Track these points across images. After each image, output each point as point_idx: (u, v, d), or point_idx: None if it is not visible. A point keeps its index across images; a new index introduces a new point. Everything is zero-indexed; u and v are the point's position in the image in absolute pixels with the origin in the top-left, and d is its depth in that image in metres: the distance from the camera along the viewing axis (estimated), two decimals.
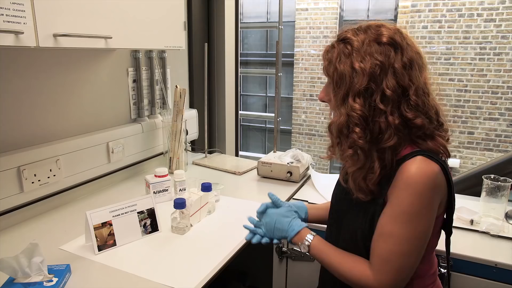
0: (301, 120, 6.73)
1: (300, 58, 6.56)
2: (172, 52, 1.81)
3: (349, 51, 0.79)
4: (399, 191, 0.76)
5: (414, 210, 0.75)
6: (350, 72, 0.78)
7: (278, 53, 1.99)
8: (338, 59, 0.80)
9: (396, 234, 0.76)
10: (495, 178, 1.22)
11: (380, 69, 0.76)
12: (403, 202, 0.76)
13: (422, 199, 0.75)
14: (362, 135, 0.78)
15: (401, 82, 0.76)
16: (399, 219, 0.76)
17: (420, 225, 0.76)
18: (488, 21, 5.18)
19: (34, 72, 1.21)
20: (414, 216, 0.75)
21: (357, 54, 0.78)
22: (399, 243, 0.76)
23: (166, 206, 1.24)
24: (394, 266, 0.77)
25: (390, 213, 0.78)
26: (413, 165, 0.75)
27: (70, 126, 1.36)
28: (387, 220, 0.78)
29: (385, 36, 0.78)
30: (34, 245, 0.87)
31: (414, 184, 0.74)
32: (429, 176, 0.75)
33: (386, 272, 0.78)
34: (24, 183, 1.16)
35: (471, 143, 5.54)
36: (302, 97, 6.65)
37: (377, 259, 0.79)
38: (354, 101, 0.78)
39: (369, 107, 0.77)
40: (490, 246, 1.11)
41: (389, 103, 0.76)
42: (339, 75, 0.80)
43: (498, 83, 5.27)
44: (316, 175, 1.65)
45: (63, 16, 0.93)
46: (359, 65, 0.77)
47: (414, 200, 0.75)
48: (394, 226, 0.77)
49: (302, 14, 6.45)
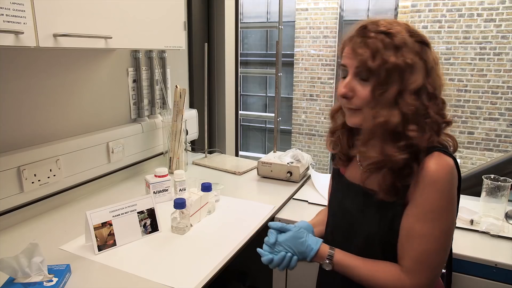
0: (301, 120, 6.73)
1: (300, 58, 6.56)
2: (172, 52, 1.81)
3: (398, 43, 0.73)
4: (423, 189, 0.75)
5: (441, 207, 0.75)
6: (405, 67, 0.73)
7: (278, 53, 1.99)
8: (387, 51, 0.73)
9: (427, 233, 0.76)
10: (495, 178, 1.22)
11: (425, 66, 0.76)
12: (429, 200, 0.75)
13: (447, 194, 0.75)
14: (419, 134, 0.75)
15: (437, 79, 0.77)
16: (427, 217, 0.76)
17: (447, 220, 0.77)
18: (488, 21, 5.18)
19: (34, 72, 1.21)
20: (441, 213, 0.76)
21: (407, 48, 0.74)
22: (431, 242, 0.76)
23: (166, 206, 1.24)
24: (429, 266, 0.77)
25: (416, 213, 0.77)
26: (432, 162, 0.75)
27: (70, 126, 1.36)
28: (414, 220, 0.77)
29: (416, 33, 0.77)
30: (34, 245, 0.87)
31: (438, 181, 0.74)
32: (449, 171, 0.75)
33: (421, 272, 0.77)
34: (24, 183, 1.16)
35: (471, 143, 5.54)
36: (302, 97, 6.65)
37: (410, 261, 0.78)
38: (410, 98, 0.74)
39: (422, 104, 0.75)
40: (490, 246, 1.11)
41: (432, 100, 0.76)
42: (391, 69, 0.73)
43: (498, 83, 5.27)
44: (316, 175, 1.65)
45: (63, 16, 0.93)
46: (414, 60, 0.74)
47: (439, 197, 0.75)
48: (423, 225, 0.76)
49: (302, 14, 6.45)
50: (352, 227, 0.89)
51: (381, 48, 0.73)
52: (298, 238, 0.88)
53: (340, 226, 0.93)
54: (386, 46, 0.73)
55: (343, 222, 0.92)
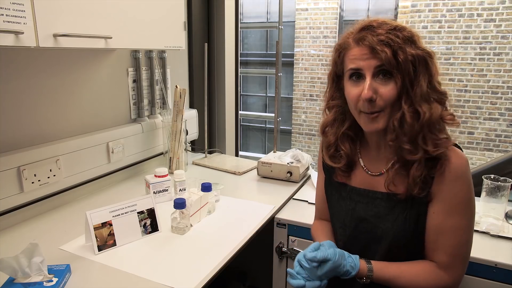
0: (301, 120, 6.73)
1: (300, 58, 6.55)
2: (172, 52, 1.81)
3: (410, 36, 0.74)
4: (450, 184, 0.78)
5: (467, 198, 0.79)
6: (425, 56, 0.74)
7: (278, 53, 1.99)
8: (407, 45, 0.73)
9: (458, 226, 0.79)
10: (495, 178, 1.22)
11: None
12: (458, 194, 0.78)
13: (470, 186, 0.79)
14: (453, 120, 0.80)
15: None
16: (456, 211, 0.78)
17: (472, 210, 0.81)
18: (488, 21, 5.18)
19: (34, 72, 1.21)
20: (468, 204, 0.79)
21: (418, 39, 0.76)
22: (462, 234, 0.79)
23: (166, 206, 1.23)
24: (464, 257, 0.81)
25: (446, 208, 0.79)
26: (453, 157, 0.78)
27: (70, 126, 1.36)
28: (444, 216, 0.79)
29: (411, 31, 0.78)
30: (34, 245, 0.87)
31: (462, 175, 0.78)
32: (467, 164, 0.79)
33: (458, 265, 0.80)
34: (24, 183, 1.16)
35: (471, 143, 5.54)
36: (302, 97, 6.64)
37: (446, 256, 0.80)
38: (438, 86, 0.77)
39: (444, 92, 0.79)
40: (490, 246, 1.11)
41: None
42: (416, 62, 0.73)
43: (498, 83, 5.27)
44: (316, 175, 1.65)
45: (63, 16, 0.93)
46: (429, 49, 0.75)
47: (466, 189, 0.78)
48: (454, 219, 0.79)
49: (302, 14, 6.44)
50: (371, 235, 0.87)
51: (401, 42, 0.73)
52: (338, 267, 0.80)
53: (356, 236, 0.90)
54: (403, 41, 0.73)
55: (358, 232, 0.89)
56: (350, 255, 0.83)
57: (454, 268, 0.80)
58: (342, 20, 6.32)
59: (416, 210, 0.81)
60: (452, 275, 0.80)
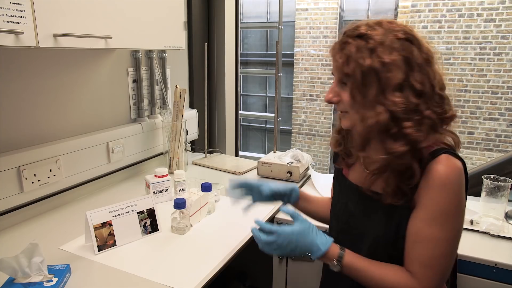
0: (301, 120, 6.73)
1: (300, 58, 6.56)
2: (172, 52, 1.81)
3: (372, 45, 0.74)
4: (432, 192, 0.74)
5: (449, 210, 0.74)
6: (380, 67, 0.73)
7: (278, 53, 1.99)
8: (360, 54, 0.74)
9: (436, 237, 0.75)
10: (495, 178, 1.22)
11: (407, 63, 0.74)
12: (439, 203, 0.74)
13: (456, 197, 0.74)
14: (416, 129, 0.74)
15: (428, 77, 0.76)
16: (436, 221, 0.75)
17: (456, 224, 0.76)
18: (488, 21, 5.18)
19: (34, 72, 1.21)
20: (450, 216, 0.75)
21: (383, 48, 0.73)
22: (440, 245, 0.75)
23: (166, 206, 1.23)
24: (438, 270, 0.76)
25: (425, 217, 0.76)
26: (440, 165, 0.74)
27: (70, 126, 1.36)
28: (422, 224, 0.76)
29: (401, 32, 0.75)
30: (34, 245, 0.87)
31: (447, 183, 0.73)
32: (458, 173, 0.74)
33: (431, 277, 0.76)
34: (24, 183, 1.16)
35: (471, 143, 5.54)
36: (302, 97, 6.65)
37: (419, 266, 0.77)
38: (394, 96, 0.73)
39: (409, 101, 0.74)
40: (490, 246, 1.11)
41: (421, 97, 0.75)
42: (366, 72, 0.74)
43: (498, 83, 5.27)
44: (316, 175, 1.65)
45: (63, 16, 0.93)
46: (390, 58, 0.73)
47: (449, 200, 0.74)
48: (433, 229, 0.75)
49: (302, 14, 6.44)
50: (357, 231, 0.88)
51: (354, 52, 0.75)
52: (307, 235, 0.83)
53: (346, 230, 0.92)
54: (359, 50, 0.75)
55: (348, 226, 0.91)
56: (324, 234, 0.85)
57: (426, 280, 0.76)
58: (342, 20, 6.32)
59: (399, 214, 0.80)
60: (423, 285, 0.77)
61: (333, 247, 0.83)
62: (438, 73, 0.79)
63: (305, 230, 0.84)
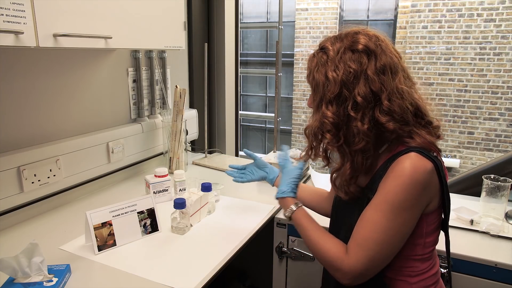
0: (301, 120, 6.73)
1: (300, 58, 6.56)
2: (172, 52, 1.81)
3: (324, 60, 0.83)
4: (388, 181, 0.78)
5: (397, 202, 0.76)
6: (323, 80, 0.82)
7: (278, 53, 1.99)
8: (316, 68, 0.84)
9: (376, 222, 0.77)
10: (495, 178, 1.22)
11: (353, 76, 0.79)
12: (388, 192, 0.77)
13: (408, 192, 0.76)
14: (332, 140, 0.83)
15: (373, 88, 0.78)
16: (381, 207, 0.77)
17: (400, 217, 0.77)
18: (488, 21, 5.18)
19: (34, 72, 1.21)
20: (396, 207, 0.76)
21: (331, 63, 0.82)
22: (377, 230, 0.77)
23: (166, 206, 1.23)
24: (368, 254, 0.78)
25: (374, 201, 0.80)
26: (406, 160, 0.77)
27: (70, 126, 1.36)
28: (370, 207, 0.80)
29: (360, 44, 0.80)
30: (34, 245, 0.87)
31: (403, 176, 0.76)
32: (419, 172, 0.76)
33: (359, 257, 0.78)
34: (24, 183, 1.16)
35: (471, 143, 5.54)
36: (302, 97, 6.65)
37: (353, 243, 0.80)
38: (326, 108, 0.82)
39: (342, 114, 0.81)
40: (490, 246, 1.11)
41: (360, 110, 0.79)
42: (315, 84, 0.84)
43: (498, 83, 5.27)
44: (316, 175, 1.65)
45: (63, 16, 0.93)
46: (332, 74, 0.81)
47: (399, 191, 0.76)
48: (375, 213, 0.78)
49: (302, 14, 6.45)
50: (341, 220, 0.94)
51: (313, 66, 0.85)
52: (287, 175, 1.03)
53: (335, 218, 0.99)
54: (317, 64, 0.84)
55: (335, 215, 0.98)
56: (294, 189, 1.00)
57: (354, 259, 0.78)
58: (342, 20, 6.32)
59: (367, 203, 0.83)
60: (350, 263, 0.79)
61: (291, 199, 0.98)
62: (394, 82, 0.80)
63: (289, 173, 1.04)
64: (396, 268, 0.83)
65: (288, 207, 0.96)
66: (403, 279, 0.84)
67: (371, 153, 0.82)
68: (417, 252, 0.83)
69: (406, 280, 0.83)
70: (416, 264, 0.83)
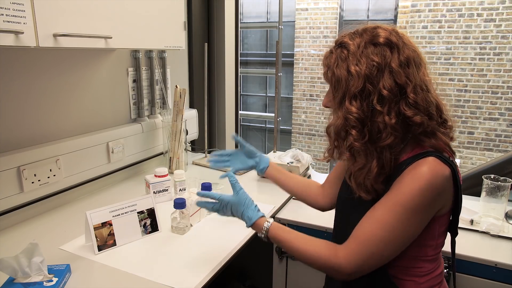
0: (301, 120, 6.73)
1: (300, 58, 6.55)
2: (172, 52, 1.81)
3: (345, 55, 0.80)
4: (404, 184, 0.76)
5: (412, 205, 0.74)
6: (346, 76, 0.79)
7: (278, 53, 1.99)
8: (336, 64, 0.81)
9: (385, 221, 0.76)
10: (495, 178, 1.22)
11: (377, 70, 0.77)
12: (404, 194, 0.75)
13: (424, 196, 0.74)
14: (358, 137, 0.79)
15: (398, 81, 0.76)
16: (394, 208, 0.76)
17: (411, 221, 0.76)
18: (488, 21, 5.18)
19: (34, 72, 1.21)
20: (409, 210, 0.75)
21: (352, 57, 0.79)
22: (382, 228, 0.76)
23: (166, 206, 1.23)
24: (369, 250, 0.77)
25: (386, 201, 0.77)
26: (425, 165, 0.75)
27: (70, 126, 1.36)
28: (380, 206, 0.78)
29: (381, 37, 0.78)
30: (34, 245, 0.87)
31: (421, 181, 0.74)
32: (437, 178, 0.74)
33: (359, 253, 0.77)
34: (24, 183, 1.16)
35: (471, 143, 5.54)
36: (302, 97, 6.64)
37: (354, 239, 0.79)
38: (350, 104, 0.79)
39: (367, 109, 0.78)
40: (490, 246, 1.11)
41: (386, 103, 0.76)
42: (336, 80, 0.81)
43: (498, 83, 5.27)
44: (316, 175, 1.65)
45: (63, 16, 0.93)
46: (355, 68, 0.78)
47: (415, 195, 0.74)
48: (386, 213, 0.76)
49: (302, 14, 6.44)
50: (348, 222, 0.90)
51: (332, 62, 0.82)
52: (239, 206, 0.94)
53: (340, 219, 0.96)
54: (336, 60, 0.81)
55: (341, 216, 0.96)
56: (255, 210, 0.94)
57: (353, 254, 0.77)
58: (342, 20, 6.32)
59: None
60: (348, 258, 0.77)
61: (260, 220, 0.92)
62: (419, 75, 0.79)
63: (239, 202, 0.94)
64: (406, 268, 0.83)
65: (261, 229, 0.91)
66: (412, 279, 0.83)
67: (400, 149, 0.80)
68: (428, 253, 0.82)
69: (415, 280, 0.83)
70: (425, 264, 0.83)
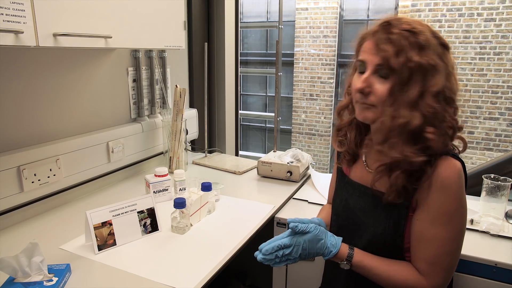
0: (301, 120, 6.73)
1: (300, 57, 6.55)
2: (172, 52, 1.81)
3: (422, 43, 0.71)
4: (435, 194, 0.76)
5: (452, 211, 0.77)
6: (427, 67, 0.71)
7: (278, 53, 1.99)
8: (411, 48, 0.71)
9: (439, 237, 0.78)
10: (495, 178, 1.22)
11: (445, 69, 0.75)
12: (442, 205, 0.76)
13: (457, 198, 0.77)
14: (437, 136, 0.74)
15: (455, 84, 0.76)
16: (440, 221, 0.77)
17: (459, 223, 0.79)
18: (488, 20, 5.17)
19: (34, 72, 1.21)
20: (453, 216, 0.77)
21: (430, 49, 0.72)
22: (443, 244, 0.78)
23: (166, 206, 1.23)
24: (443, 267, 0.79)
25: (428, 218, 0.78)
26: (442, 167, 0.76)
27: (70, 126, 1.36)
28: (426, 225, 0.79)
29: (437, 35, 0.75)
30: (34, 244, 0.87)
31: (449, 185, 0.75)
32: (458, 174, 0.76)
33: (437, 273, 0.79)
34: (24, 182, 1.16)
35: (471, 142, 5.54)
36: (302, 96, 6.64)
37: (425, 264, 0.80)
38: (431, 101, 0.72)
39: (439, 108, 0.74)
40: (490, 246, 1.11)
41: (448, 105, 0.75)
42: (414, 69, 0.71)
43: (498, 83, 5.27)
44: (316, 174, 1.65)
45: (63, 15, 0.93)
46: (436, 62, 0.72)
47: (451, 201, 0.76)
48: (436, 229, 0.78)
49: (302, 13, 6.44)
50: (356, 228, 0.89)
51: (406, 45, 0.71)
52: (317, 241, 0.84)
53: (345, 226, 0.94)
54: (411, 44, 0.71)
55: (347, 222, 0.93)
56: (333, 235, 0.87)
57: (433, 277, 0.80)
58: (342, 19, 6.32)
59: (397, 213, 0.82)
60: (431, 282, 0.80)
61: (343, 247, 0.86)
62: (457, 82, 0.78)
63: (316, 236, 0.84)
64: None
65: (344, 256, 0.84)
66: None
67: None
68: None
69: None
70: None
